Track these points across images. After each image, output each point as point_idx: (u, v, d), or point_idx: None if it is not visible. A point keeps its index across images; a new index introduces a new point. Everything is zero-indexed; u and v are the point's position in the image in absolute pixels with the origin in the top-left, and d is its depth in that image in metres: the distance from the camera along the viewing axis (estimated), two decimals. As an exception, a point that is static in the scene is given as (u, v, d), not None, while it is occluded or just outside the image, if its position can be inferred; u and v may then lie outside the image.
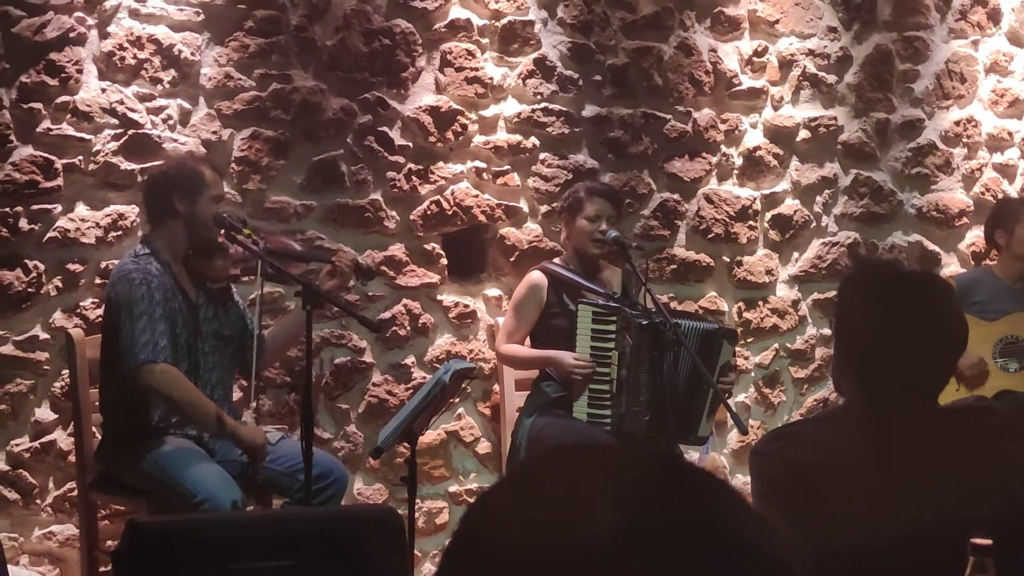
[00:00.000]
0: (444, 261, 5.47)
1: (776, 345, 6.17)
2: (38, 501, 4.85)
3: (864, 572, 2.13)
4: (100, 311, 4.77)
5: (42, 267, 4.80)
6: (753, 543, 0.94)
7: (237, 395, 4.92)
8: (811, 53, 6.18)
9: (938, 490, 2.19)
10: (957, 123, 6.53)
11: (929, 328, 2.31)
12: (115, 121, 4.88)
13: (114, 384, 4.40)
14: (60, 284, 4.83)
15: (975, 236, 6.49)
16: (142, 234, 4.66)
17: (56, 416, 4.85)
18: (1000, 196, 6.54)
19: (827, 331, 6.22)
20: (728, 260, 6.05)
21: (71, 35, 4.80)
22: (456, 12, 5.44)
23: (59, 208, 4.83)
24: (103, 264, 4.85)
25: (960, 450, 2.27)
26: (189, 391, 4.26)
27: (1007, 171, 6.68)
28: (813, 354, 6.24)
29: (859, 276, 2.52)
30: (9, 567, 4.64)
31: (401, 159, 5.35)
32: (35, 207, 4.79)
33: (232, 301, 4.60)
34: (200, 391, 4.30)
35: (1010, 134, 6.68)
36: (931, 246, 6.50)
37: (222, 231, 4.35)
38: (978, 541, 1.81)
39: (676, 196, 5.92)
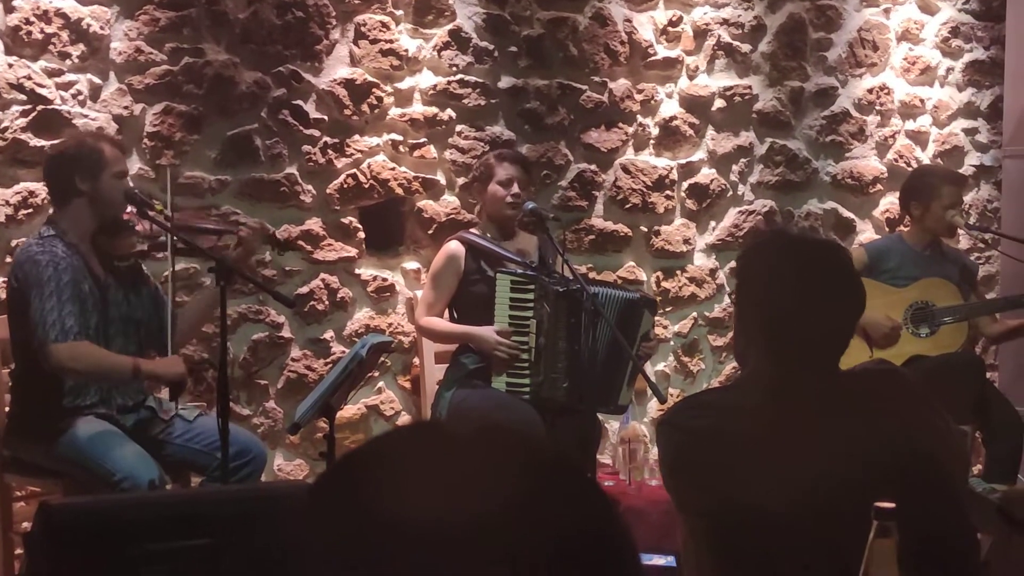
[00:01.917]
0: (361, 235, 5.44)
1: (694, 314, 6.22)
2: (-48, 484, 4.78)
3: (771, 538, 2.15)
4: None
5: (-49, 246, 4.72)
6: (605, 547, 0.96)
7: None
8: (725, 23, 6.22)
9: (843, 454, 2.21)
10: (870, 91, 6.60)
11: (828, 293, 2.35)
12: (23, 97, 4.80)
13: (24, 366, 4.34)
14: (-30, 263, 4.75)
15: (889, 203, 6.57)
16: (48, 215, 4.57)
17: (-32, 397, 4.78)
18: (913, 163, 6.63)
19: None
20: (646, 230, 6.08)
21: (-25, 10, 4.71)
22: (369, -16, 5.40)
23: (-33, 186, 4.75)
24: (14, 243, 4.77)
25: (864, 414, 2.30)
26: (99, 360, 4.19)
27: (919, 138, 6.77)
28: (731, 322, 6.29)
29: (757, 247, 2.55)
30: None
31: (316, 132, 5.32)
32: (-58, 185, 4.71)
33: (144, 283, 4.53)
34: (108, 353, 4.25)
35: (922, 101, 6.76)
36: (846, 213, 6.57)
37: (133, 207, 4.29)
38: (881, 504, 1.84)
39: (593, 167, 5.93)
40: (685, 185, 6.17)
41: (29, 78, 4.80)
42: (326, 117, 5.33)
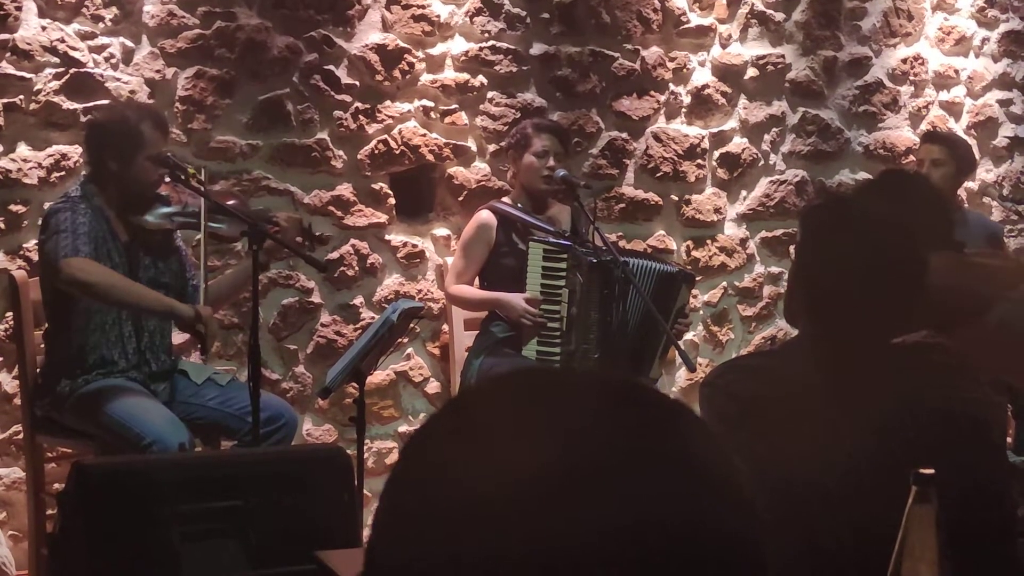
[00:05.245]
0: (392, 201, 5.44)
1: (724, 283, 6.20)
2: (-17, 445, 4.81)
3: (812, 503, 2.14)
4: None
5: (-17, 208, 4.73)
6: (718, 480, 0.88)
7: (183, 338, 4.89)
8: (759, -10, 6.17)
9: (885, 423, 2.20)
10: (904, 61, 6.55)
11: (887, 265, 2.27)
12: (56, 60, 4.80)
13: (56, 326, 4.35)
14: (2, 225, 4.76)
15: (921, 174, 6.53)
16: (83, 175, 4.57)
17: (0, 359, 4.80)
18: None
19: (775, 269, 6.26)
20: (676, 199, 6.05)
21: (9, -28, 4.71)
22: (402, -51, 5.38)
23: (0, 148, 4.76)
24: (46, 205, 4.77)
25: (908, 384, 2.27)
26: (110, 275, 4.16)
27: (953, 109, 6.72)
28: (761, 292, 6.27)
29: (820, 208, 2.50)
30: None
31: (348, 98, 5.31)
32: (-25, 147, 4.72)
33: (173, 251, 4.51)
34: (122, 275, 4.21)
35: (956, 72, 6.70)
36: (878, 184, 6.52)
37: (165, 170, 4.29)
38: (920, 471, 1.83)
39: (624, 135, 5.91)
40: (716, 154, 6.14)
41: (62, 41, 4.80)
42: (358, 82, 5.32)
